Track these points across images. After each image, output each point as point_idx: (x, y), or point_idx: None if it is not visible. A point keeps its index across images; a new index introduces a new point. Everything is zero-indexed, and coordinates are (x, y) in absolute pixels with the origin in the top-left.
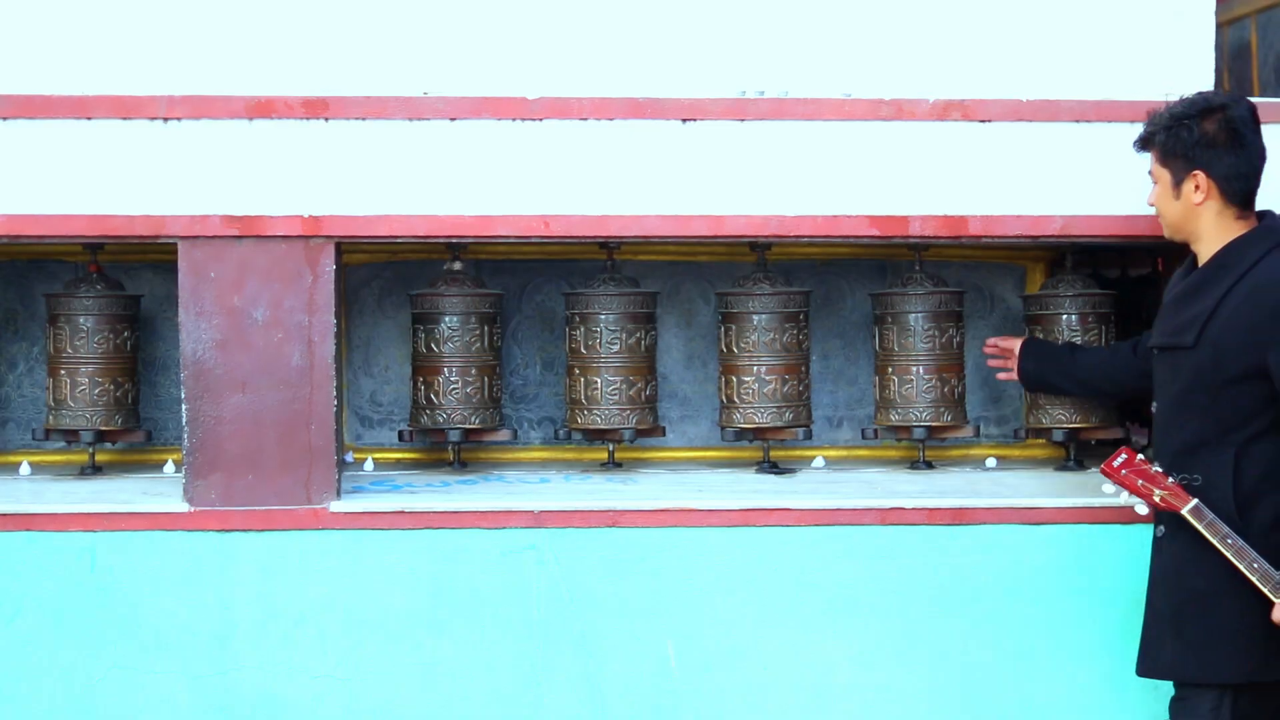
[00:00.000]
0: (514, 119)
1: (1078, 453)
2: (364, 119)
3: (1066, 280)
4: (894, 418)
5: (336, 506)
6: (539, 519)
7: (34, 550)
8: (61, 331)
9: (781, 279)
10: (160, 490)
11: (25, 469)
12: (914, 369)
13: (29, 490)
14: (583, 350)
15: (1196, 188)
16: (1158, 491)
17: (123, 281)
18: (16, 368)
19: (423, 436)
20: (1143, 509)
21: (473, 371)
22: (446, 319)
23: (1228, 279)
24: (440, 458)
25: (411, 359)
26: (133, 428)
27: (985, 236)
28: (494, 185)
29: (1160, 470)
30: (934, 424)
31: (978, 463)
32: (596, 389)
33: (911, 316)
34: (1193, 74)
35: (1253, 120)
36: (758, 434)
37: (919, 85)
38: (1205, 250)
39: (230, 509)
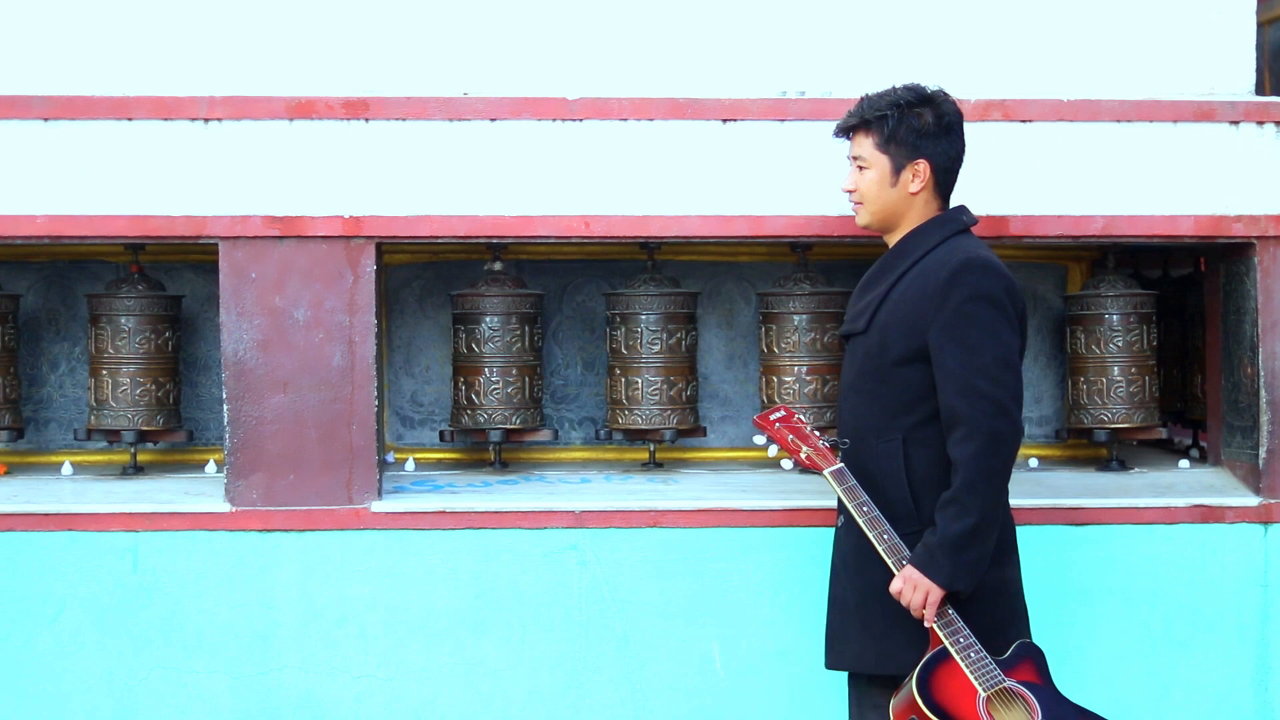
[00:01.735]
0: (554, 119)
1: (1120, 453)
2: (404, 119)
3: (1108, 280)
4: None
5: (378, 507)
6: (580, 519)
7: (76, 550)
8: (103, 332)
9: (822, 279)
10: (202, 490)
11: (67, 469)
12: None
13: (71, 490)
14: (623, 350)
15: (915, 176)
16: (805, 449)
17: (164, 282)
18: (58, 368)
19: (464, 437)
20: (788, 464)
21: (513, 372)
22: (487, 319)
23: (903, 265)
24: (481, 458)
25: (452, 359)
26: (174, 428)
27: (1026, 236)
28: (534, 186)
29: (815, 432)
30: None
31: (1020, 463)
32: (637, 389)
33: None
34: (1233, 73)
35: (960, 114)
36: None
37: (960, 85)
38: (897, 238)
39: (272, 509)
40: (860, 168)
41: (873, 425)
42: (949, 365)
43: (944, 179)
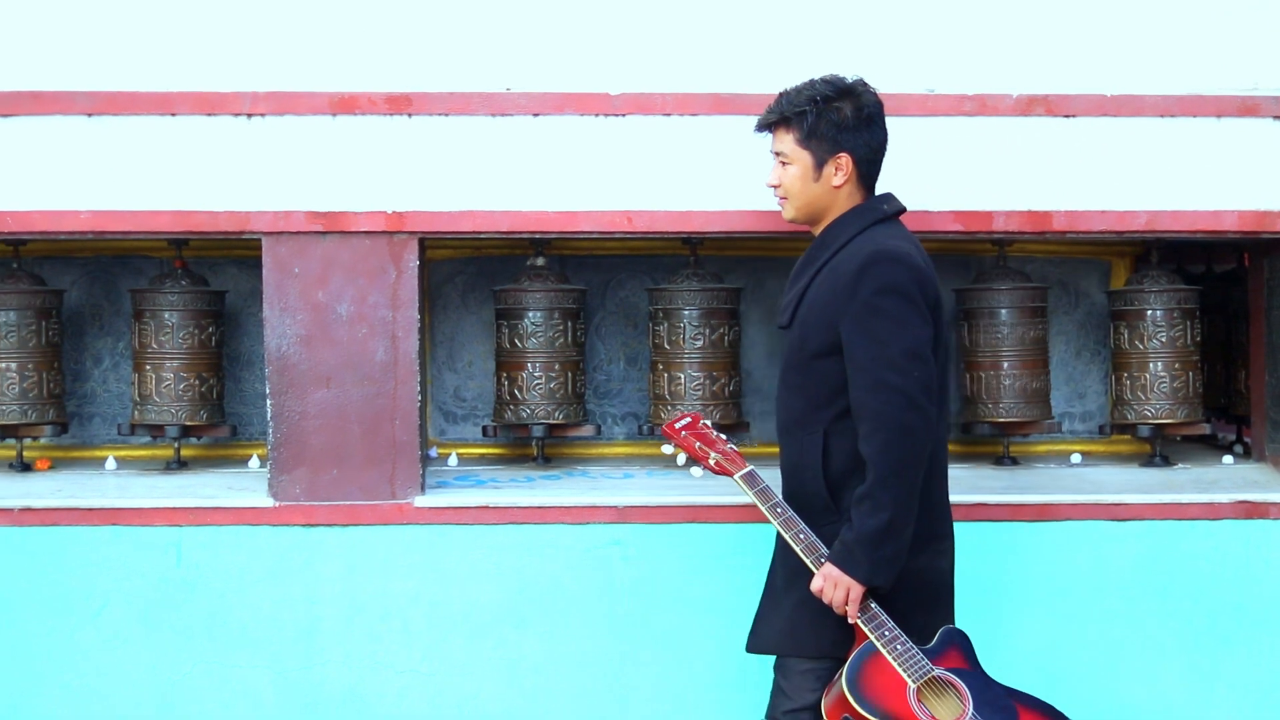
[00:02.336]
0: (597, 115)
1: (1163, 449)
2: (447, 115)
3: (1151, 276)
4: (979, 413)
5: (421, 502)
6: (623, 515)
7: (120, 545)
8: (147, 327)
9: None
10: (245, 485)
11: (111, 464)
12: (998, 364)
13: (115, 485)
14: (666, 346)
15: (838, 169)
16: (713, 455)
17: (207, 277)
18: (102, 363)
19: (506, 432)
20: (698, 471)
21: (556, 367)
22: (530, 314)
23: (823, 257)
24: (524, 453)
25: (495, 354)
26: (217, 423)
27: (1070, 232)
28: (577, 181)
29: (722, 437)
30: (1019, 419)
31: (1062, 458)
32: (680, 384)
33: (996, 312)
34: (1276, 67)
35: (881, 104)
36: None
37: (1003, 80)
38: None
39: (315, 504)
40: (783, 163)
41: (798, 419)
42: (858, 359)
43: (867, 170)
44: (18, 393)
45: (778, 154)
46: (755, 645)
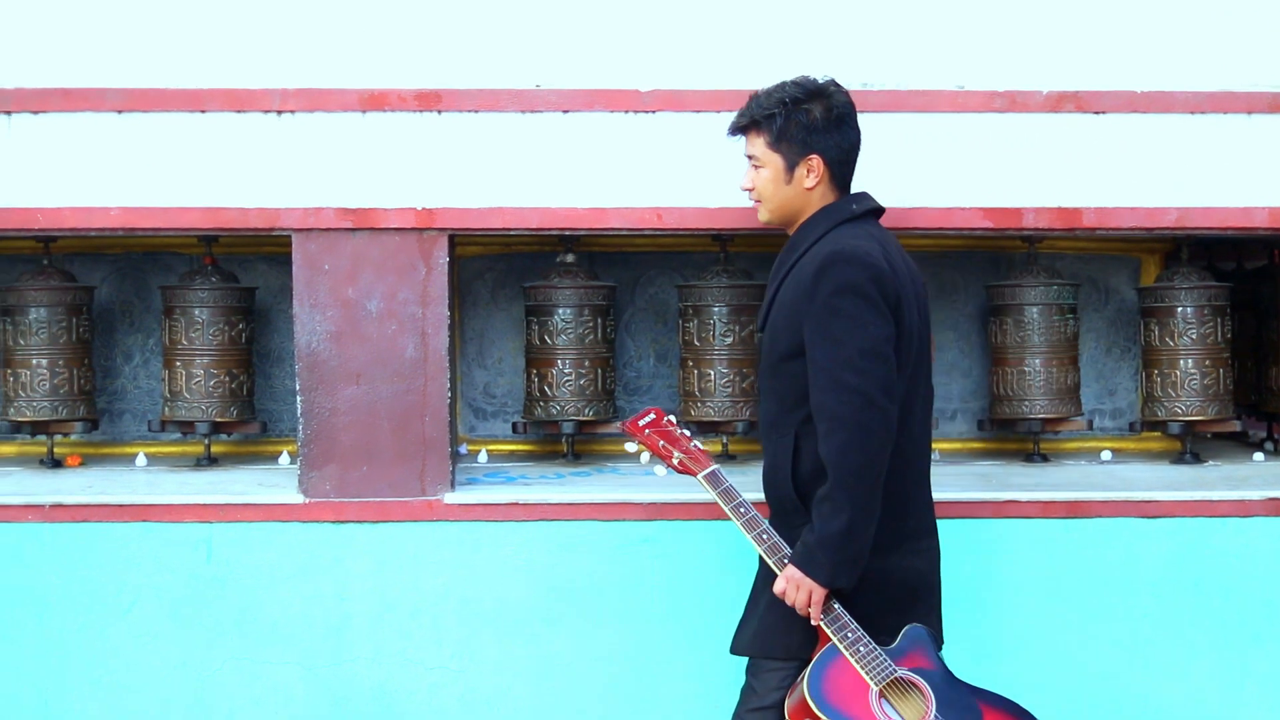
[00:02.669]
0: (626, 111)
1: (1194, 446)
2: (477, 111)
3: (1182, 273)
4: (1009, 410)
5: (451, 498)
6: (653, 511)
7: (150, 541)
8: (177, 324)
9: None
10: (275, 482)
11: (141, 460)
12: (1029, 361)
13: (145, 481)
14: (696, 343)
15: (809, 172)
16: (677, 454)
17: (237, 274)
18: (132, 359)
19: (536, 428)
20: (662, 470)
21: (586, 363)
22: (560, 311)
23: (792, 259)
24: (554, 450)
25: (525, 351)
26: (248, 419)
27: (1099, 228)
28: (607, 178)
29: (686, 434)
30: (1049, 416)
31: (1092, 456)
32: (710, 381)
33: (1026, 309)
34: None
35: (852, 103)
36: None
37: (1033, 77)
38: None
39: (345, 500)
40: (755, 166)
41: (772, 421)
42: (818, 360)
43: (839, 170)
44: (48, 389)
45: (750, 157)
46: (733, 647)
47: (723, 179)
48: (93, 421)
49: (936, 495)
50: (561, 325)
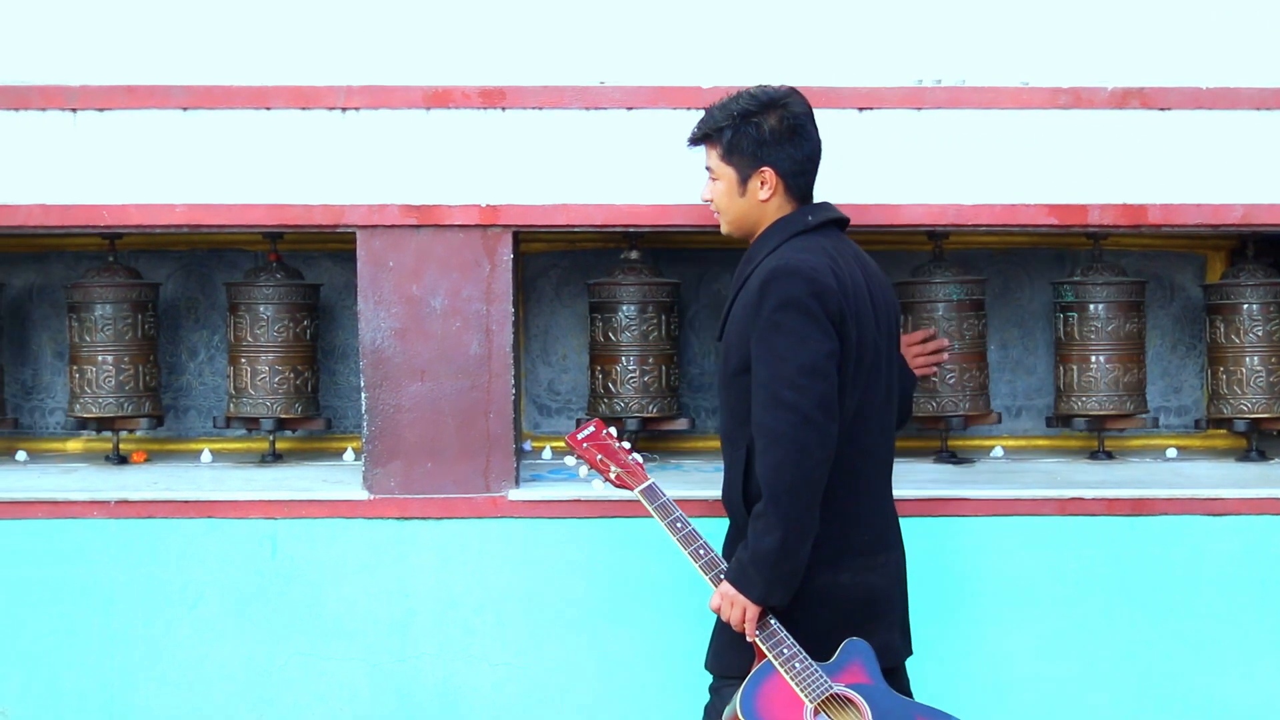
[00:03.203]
0: (690, 108)
1: (1259, 443)
2: (541, 109)
3: (1248, 270)
4: (1074, 407)
5: (515, 495)
6: (715, 508)
7: (216, 537)
8: (242, 320)
9: (959, 268)
10: (340, 478)
11: (206, 456)
12: (1094, 358)
13: (210, 478)
14: None
15: (763, 184)
16: (614, 468)
17: (302, 270)
18: (197, 356)
19: None
20: (599, 484)
21: (650, 360)
22: (624, 308)
23: (747, 272)
24: None
25: (589, 348)
26: (312, 415)
27: (1165, 225)
28: (671, 174)
29: (626, 446)
30: (1114, 413)
31: (1158, 453)
32: None
33: (1092, 306)
34: None
35: (810, 113)
36: (938, 423)
37: (1097, 73)
38: None
39: (409, 497)
40: (712, 179)
41: (726, 434)
42: (759, 376)
43: (794, 182)
44: (114, 386)
45: (708, 169)
46: (706, 663)
47: None
48: (158, 418)
49: (1001, 492)
50: (625, 322)
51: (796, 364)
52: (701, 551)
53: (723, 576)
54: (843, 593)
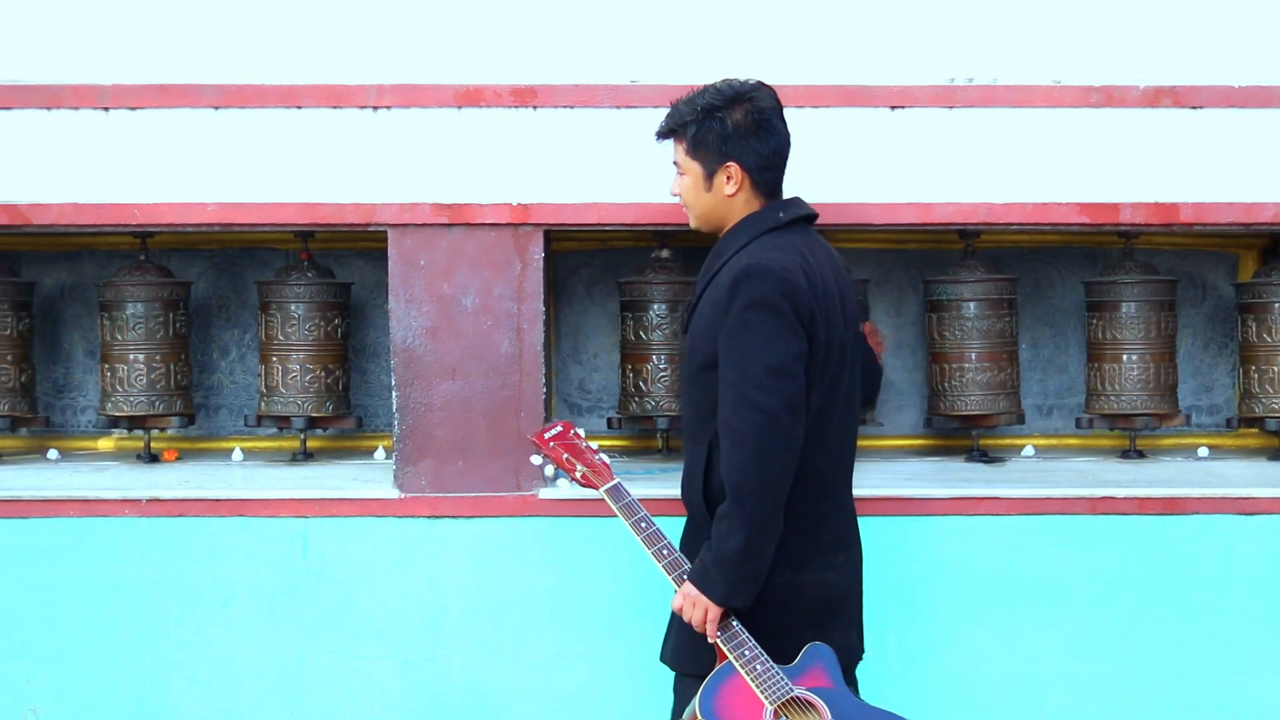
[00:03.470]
0: None
1: None
2: (572, 107)
3: None
4: (1105, 406)
5: (545, 494)
6: None
7: (247, 535)
8: (273, 318)
9: (990, 266)
10: (370, 476)
11: (237, 455)
12: (1125, 357)
13: (241, 476)
14: None
15: (729, 179)
16: (580, 467)
17: (333, 269)
18: (229, 354)
19: (631, 424)
20: (565, 483)
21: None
22: (655, 307)
23: (716, 267)
24: (649, 445)
25: (620, 346)
26: (343, 414)
27: (1197, 224)
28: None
29: (592, 447)
30: (1146, 412)
31: (1189, 452)
32: None
33: (1123, 305)
34: None
35: (779, 107)
36: (967, 422)
37: (1129, 72)
38: None
39: (440, 495)
40: (680, 174)
41: (689, 429)
42: (727, 375)
43: (760, 177)
44: (145, 384)
45: (675, 164)
46: (661, 655)
47: (818, 174)
48: (189, 416)
49: (1035, 491)
50: (656, 321)
51: (765, 364)
52: (665, 552)
53: (685, 577)
54: (804, 592)
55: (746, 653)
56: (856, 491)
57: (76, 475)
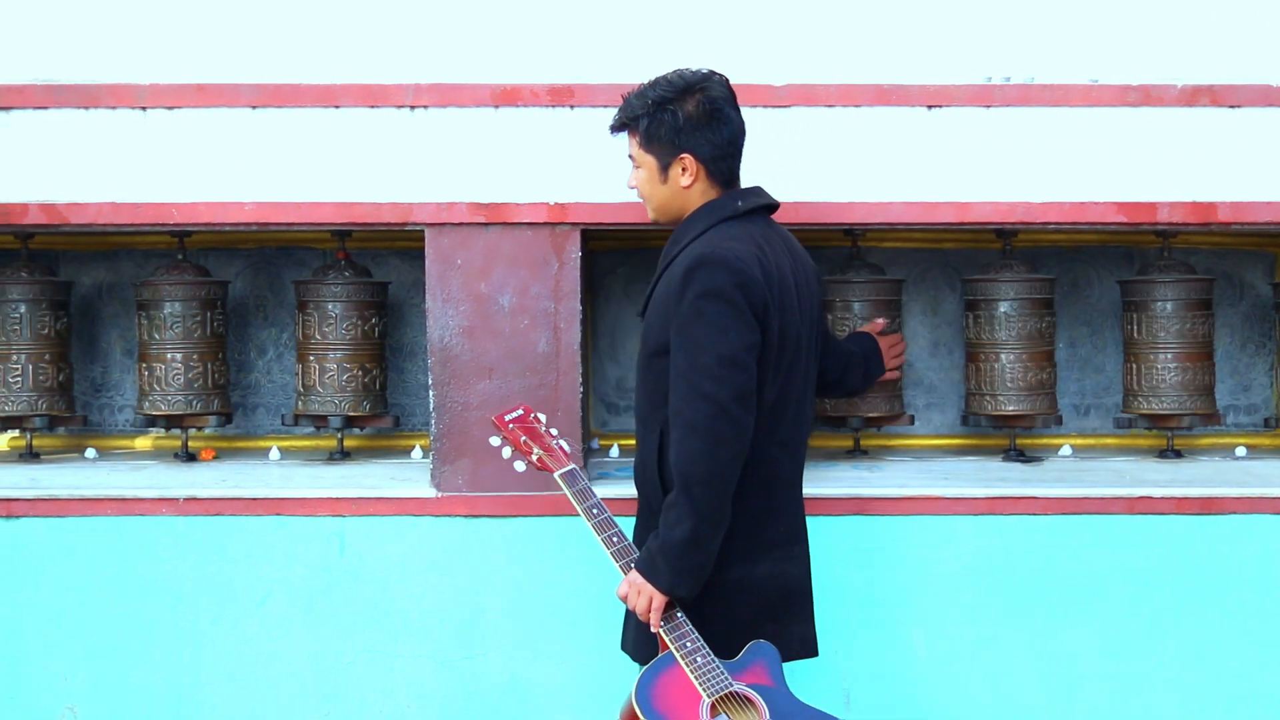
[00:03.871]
0: (761, 106)
1: None
2: (609, 107)
3: None
4: (1142, 405)
5: None
6: None
7: (284, 534)
8: (310, 318)
9: (1027, 266)
10: (408, 475)
11: (275, 454)
12: (1162, 357)
13: (279, 475)
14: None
15: (684, 170)
16: (537, 450)
17: (370, 268)
18: (266, 354)
19: None
20: (521, 466)
21: None
22: None
23: (671, 253)
24: None
25: None
26: (380, 413)
27: (1235, 223)
28: (740, 171)
29: (553, 432)
30: (1183, 412)
31: (1226, 451)
32: None
33: (1160, 304)
34: None
35: (731, 96)
36: (1004, 422)
37: (1167, 70)
38: None
39: (477, 495)
40: (636, 166)
41: (641, 416)
42: (678, 364)
43: (715, 167)
44: (183, 383)
45: (630, 157)
46: (621, 643)
47: (855, 173)
48: (226, 415)
49: (1072, 491)
50: None
51: (716, 354)
52: (614, 539)
53: (632, 565)
54: (761, 585)
55: (689, 644)
56: (889, 492)
57: (114, 474)
